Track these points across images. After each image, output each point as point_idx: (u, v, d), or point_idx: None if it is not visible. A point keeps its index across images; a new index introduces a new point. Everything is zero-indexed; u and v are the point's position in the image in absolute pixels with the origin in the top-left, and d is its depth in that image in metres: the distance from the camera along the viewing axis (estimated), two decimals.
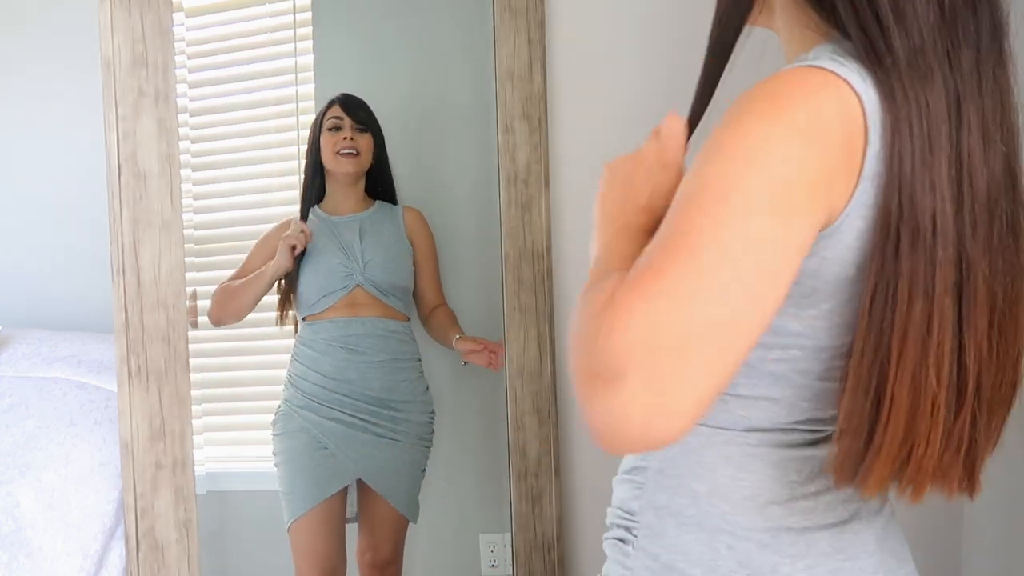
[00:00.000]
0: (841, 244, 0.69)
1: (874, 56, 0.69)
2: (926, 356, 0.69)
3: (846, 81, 0.67)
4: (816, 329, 0.72)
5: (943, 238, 0.68)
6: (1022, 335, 0.76)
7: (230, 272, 1.76)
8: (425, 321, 1.77)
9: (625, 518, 0.85)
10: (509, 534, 1.75)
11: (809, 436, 0.78)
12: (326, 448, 1.67)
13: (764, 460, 0.77)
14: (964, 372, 0.72)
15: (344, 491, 1.70)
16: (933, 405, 0.71)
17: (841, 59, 0.69)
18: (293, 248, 1.67)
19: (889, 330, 0.69)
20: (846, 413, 0.71)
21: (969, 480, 0.78)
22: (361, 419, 1.68)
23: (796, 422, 0.77)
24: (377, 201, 1.76)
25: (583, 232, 1.76)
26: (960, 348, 0.71)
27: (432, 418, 1.75)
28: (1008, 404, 0.78)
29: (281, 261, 1.68)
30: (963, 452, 0.75)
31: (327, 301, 1.69)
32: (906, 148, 0.67)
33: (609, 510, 0.89)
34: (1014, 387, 0.78)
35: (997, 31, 0.72)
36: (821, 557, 0.77)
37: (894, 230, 0.68)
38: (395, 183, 1.76)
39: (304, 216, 1.72)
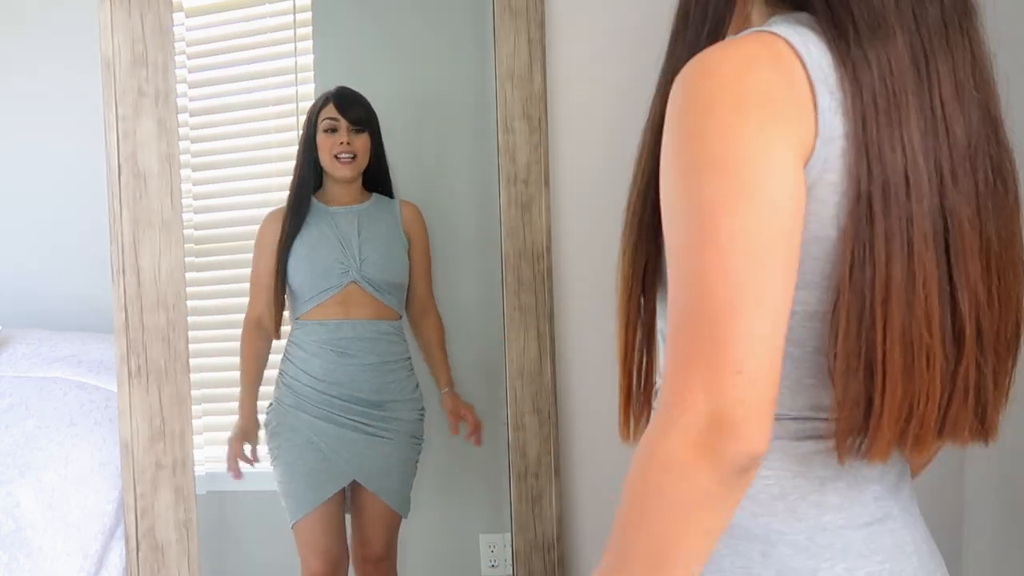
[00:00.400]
0: (817, 200, 0.70)
1: (832, 24, 0.71)
2: (912, 312, 0.70)
3: (783, 39, 0.69)
4: (804, 293, 0.73)
5: (917, 192, 0.69)
6: (1021, 276, 0.77)
7: (230, 272, 1.76)
8: (414, 323, 1.76)
9: None
10: (509, 534, 1.75)
11: (822, 426, 0.76)
12: (319, 450, 1.67)
13: (786, 453, 0.76)
14: (960, 319, 0.72)
15: (342, 489, 1.70)
16: (928, 359, 0.71)
17: (788, 25, 0.71)
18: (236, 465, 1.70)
19: (871, 293, 0.69)
20: (841, 384, 0.71)
21: (982, 427, 0.77)
22: (352, 420, 1.68)
23: (804, 408, 0.76)
24: (374, 194, 1.76)
25: (583, 232, 1.77)
26: (952, 297, 0.71)
27: (422, 415, 1.75)
28: (1014, 345, 0.78)
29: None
30: (971, 399, 0.74)
31: (321, 297, 1.69)
32: (869, 110, 0.69)
33: None
34: (1018, 327, 0.77)
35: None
36: (859, 559, 0.75)
37: (865, 192, 0.69)
38: (392, 178, 1.76)
39: (295, 208, 1.70)
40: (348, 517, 1.74)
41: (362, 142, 1.71)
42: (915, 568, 0.79)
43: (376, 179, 1.75)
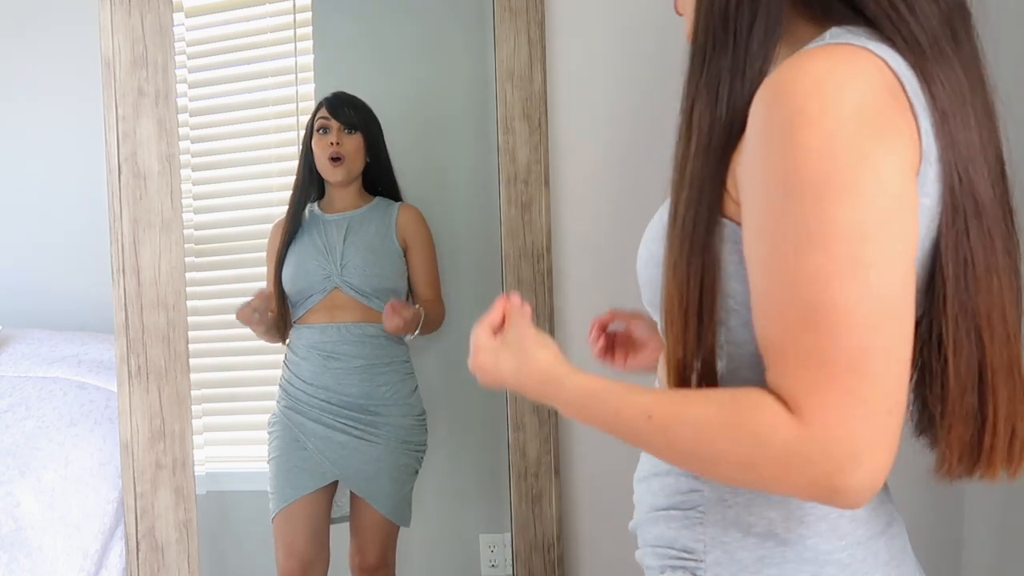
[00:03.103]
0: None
1: (906, 43, 0.70)
2: (1007, 324, 0.70)
3: (877, 55, 0.67)
4: None
5: (993, 209, 0.70)
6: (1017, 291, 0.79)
7: (230, 272, 1.77)
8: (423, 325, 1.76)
9: (683, 558, 0.79)
10: (509, 534, 1.75)
11: None
12: (305, 449, 1.68)
13: None
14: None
15: (326, 490, 1.70)
16: (1019, 371, 0.72)
17: (866, 40, 0.69)
18: (255, 318, 1.68)
19: (975, 307, 0.69)
20: (955, 401, 0.71)
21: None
22: (340, 422, 1.68)
23: None
24: (376, 197, 1.75)
25: (583, 232, 1.77)
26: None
27: (421, 420, 1.74)
28: None
29: (257, 331, 1.70)
30: None
31: (309, 303, 1.70)
32: (956, 127, 0.69)
33: (648, 550, 0.84)
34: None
35: (964, 12, 0.74)
36: (886, 568, 0.77)
37: (961, 208, 0.69)
38: (396, 179, 1.76)
39: (291, 217, 1.71)
40: (341, 529, 1.73)
41: (353, 143, 1.70)
42: (912, 567, 0.81)
43: (378, 182, 1.75)
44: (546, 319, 1.73)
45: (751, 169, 0.68)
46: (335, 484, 1.71)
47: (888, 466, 0.64)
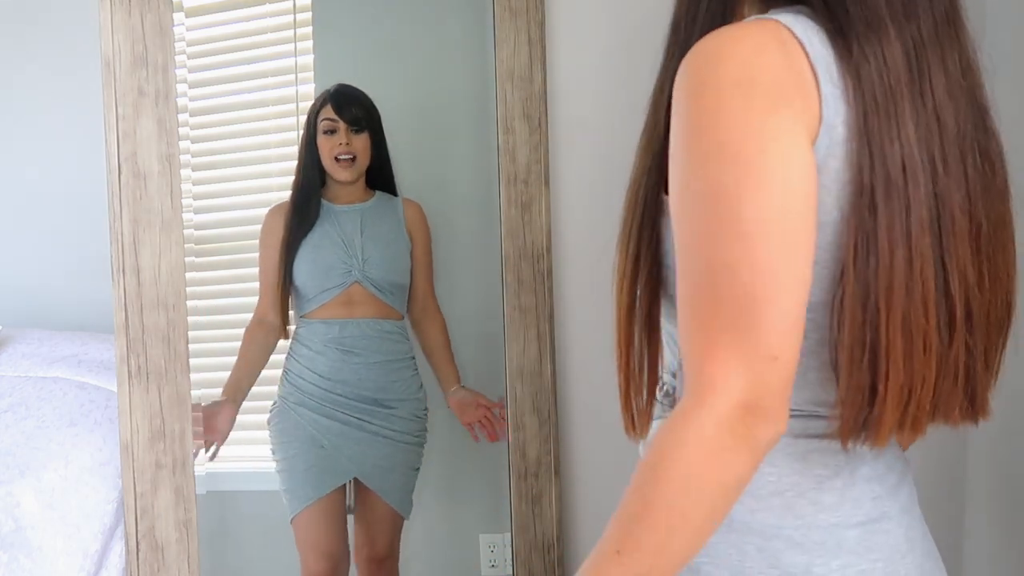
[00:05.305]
0: (821, 186, 0.70)
1: (829, 19, 0.72)
2: (912, 299, 0.71)
3: (785, 26, 0.70)
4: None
5: (914, 181, 0.71)
6: (1011, 257, 0.78)
7: (230, 272, 1.76)
8: (416, 324, 1.76)
9: None
10: (509, 534, 1.75)
11: (823, 424, 0.77)
12: (322, 447, 1.68)
13: (787, 450, 0.76)
14: (951, 302, 0.73)
15: (343, 486, 1.70)
16: (925, 343, 0.72)
17: (789, 16, 0.72)
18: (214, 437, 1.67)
19: (874, 282, 0.70)
20: (846, 372, 0.72)
21: (972, 407, 0.78)
22: (356, 418, 1.68)
23: (806, 404, 0.77)
24: (377, 191, 1.75)
25: (583, 232, 1.77)
26: (945, 281, 0.73)
27: (425, 416, 1.75)
28: (1004, 325, 0.79)
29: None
30: (961, 380, 0.76)
31: (324, 297, 1.69)
32: (869, 104, 0.70)
33: None
34: (1009, 307, 0.79)
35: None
36: (852, 556, 0.76)
37: (867, 185, 0.70)
38: (396, 175, 1.76)
39: (301, 209, 1.70)
40: (351, 517, 1.74)
41: (362, 142, 1.71)
42: (909, 568, 0.79)
43: (379, 176, 1.75)
44: (546, 319, 1.73)
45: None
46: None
47: (784, 408, 0.67)
